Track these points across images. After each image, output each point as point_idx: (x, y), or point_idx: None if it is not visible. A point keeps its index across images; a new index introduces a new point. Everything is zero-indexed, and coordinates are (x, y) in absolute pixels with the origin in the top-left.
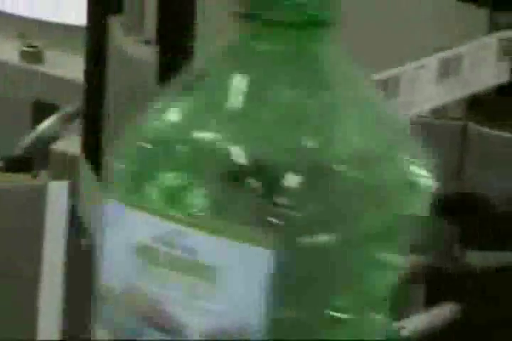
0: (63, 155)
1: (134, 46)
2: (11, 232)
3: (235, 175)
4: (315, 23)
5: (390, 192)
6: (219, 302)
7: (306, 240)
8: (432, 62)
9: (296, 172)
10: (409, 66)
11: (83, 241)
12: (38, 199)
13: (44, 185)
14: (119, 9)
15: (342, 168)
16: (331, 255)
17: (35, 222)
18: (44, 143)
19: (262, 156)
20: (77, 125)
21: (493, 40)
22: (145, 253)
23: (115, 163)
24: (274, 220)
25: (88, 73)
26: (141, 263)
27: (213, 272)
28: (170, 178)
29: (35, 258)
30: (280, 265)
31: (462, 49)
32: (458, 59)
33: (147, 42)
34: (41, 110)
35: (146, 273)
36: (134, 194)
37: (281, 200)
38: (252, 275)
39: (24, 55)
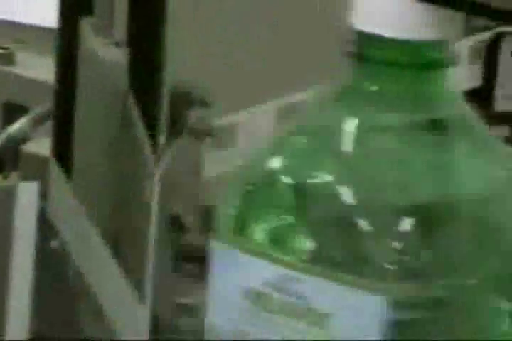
0: (34, 156)
1: (104, 48)
2: None
3: (345, 219)
4: (429, 65)
5: (507, 236)
6: None
7: (419, 286)
8: None
9: (409, 215)
10: None
11: (53, 243)
12: (8, 200)
13: (14, 185)
14: (90, 11)
15: (458, 211)
16: (444, 300)
17: (4, 222)
18: (15, 144)
19: (374, 200)
20: (48, 126)
21: (466, 43)
22: (256, 298)
23: (223, 206)
24: (386, 265)
25: (59, 75)
26: (252, 308)
27: (325, 318)
28: (277, 222)
29: (3, 258)
30: (392, 311)
31: None
32: None
33: (117, 44)
34: (12, 111)
35: (256, 318)
36: (243, 238)
37: (393, 245)
38: (363, 321)
39: None
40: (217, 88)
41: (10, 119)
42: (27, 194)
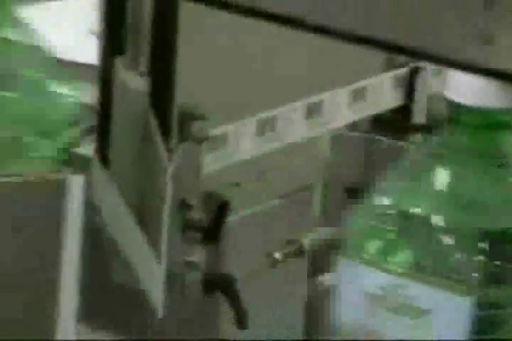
0: (81, 157)
1: (132, 78)
2: (38, 216)
3: (437, 237)
4: (499, 126)
5: None
6: (423, 335)
7: (498, 289)
8: (345, 91)
9: (487, 235)
10: (328, 94)
11: (97, 218)
12: (61, 189)
13: (66, 178)
14: (122, 52)
15: None
16: None
17: (58, 206)
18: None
19: (459, 223)
20: (93, 136)
21: (390, 74)
22: (373, 299)
23: (348, 230)
24: (472, 273)
25: (100, 99)
26: (370, 307)
27: (424, 314)
28: (385, 240)
29: (57, 235)
30: (476, 309)
31: (366, 82)
32: (363, 89)
33: (141, 75)
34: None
35: (373, 314)
36: (362, 253)
37: (477, 258)
38: (454, 317)
39: None
40: (213, 107)
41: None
42: (76, 184)
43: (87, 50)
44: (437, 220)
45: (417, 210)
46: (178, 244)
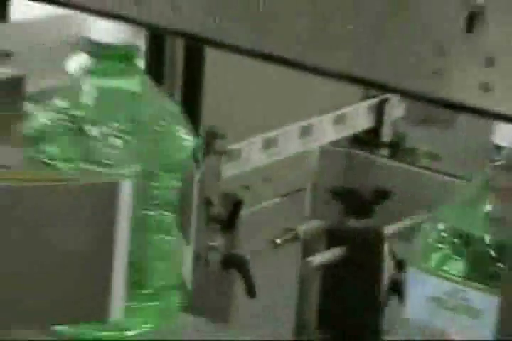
0: None
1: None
2: (92, 216)
3: (484, 252)
4: None
5: None
6: (480, 332)
7: None
8: (330, 116)
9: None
10: (317, 118)
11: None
12: (114, 191)
13: (118, 182)
14: (160, 83)
15: None
16: None
17: (112, 205)
18: None
19: (504, 240)
20: None
21: (363, 104)
22: (437, 301)
23: (415, 245)
24: None
25: None
26: (435, 308)
27: (479, 313)
28: (443, 253)
29: (110, 231)
30: None
31: (346, 109)
32: (344, 115)
33: (175, 101)
34: None
35: (437, 314)
36: (426, 264)
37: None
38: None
39: None
40: (230, 128)
41: None
42: (126, 187)
43: None
44: (485, 238)
45: (469, 231)
46: (203, 232)
